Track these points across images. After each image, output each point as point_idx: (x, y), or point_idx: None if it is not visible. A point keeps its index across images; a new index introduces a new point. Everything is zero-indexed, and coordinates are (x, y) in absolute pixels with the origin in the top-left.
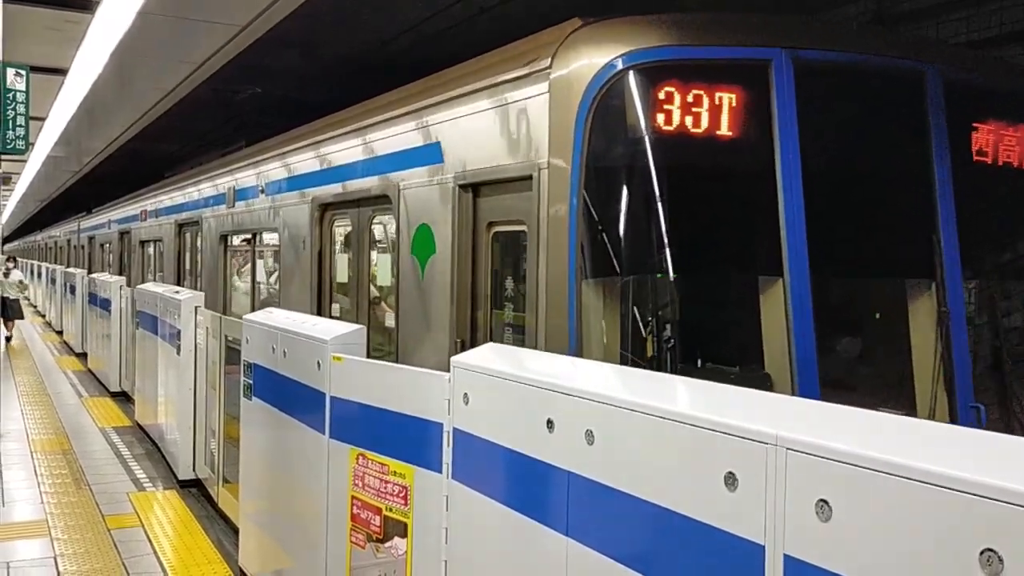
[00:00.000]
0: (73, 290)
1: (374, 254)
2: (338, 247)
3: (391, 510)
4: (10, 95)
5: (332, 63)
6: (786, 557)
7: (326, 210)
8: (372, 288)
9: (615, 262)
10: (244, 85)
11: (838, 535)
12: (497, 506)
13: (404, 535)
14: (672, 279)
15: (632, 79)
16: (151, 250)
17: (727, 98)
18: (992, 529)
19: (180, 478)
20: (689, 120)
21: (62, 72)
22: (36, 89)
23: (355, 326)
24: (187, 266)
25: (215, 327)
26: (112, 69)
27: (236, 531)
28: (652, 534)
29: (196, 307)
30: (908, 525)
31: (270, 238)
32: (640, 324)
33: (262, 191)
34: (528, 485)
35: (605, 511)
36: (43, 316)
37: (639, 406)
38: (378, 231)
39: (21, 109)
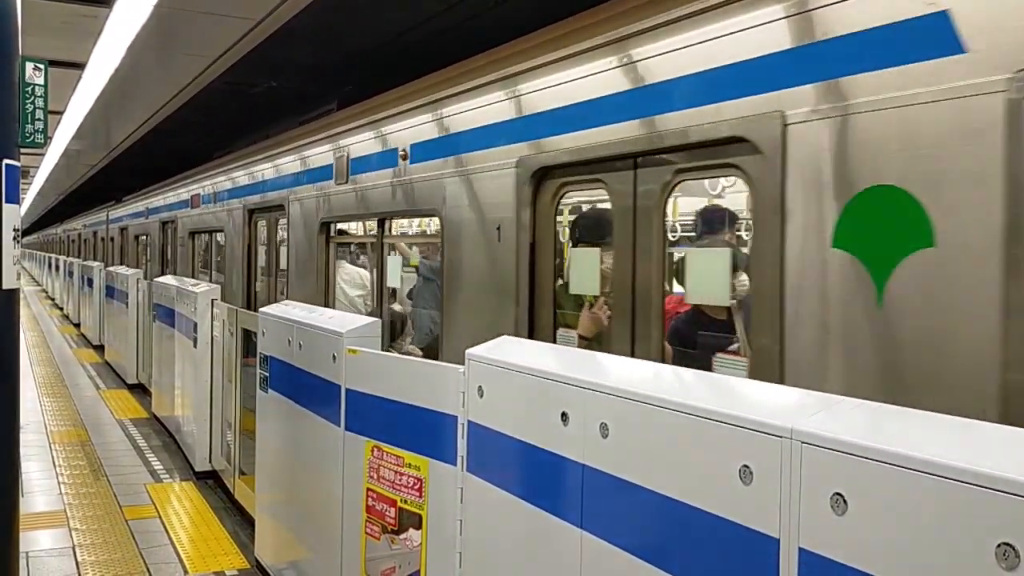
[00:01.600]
0: (91, 283)
1: (679, 249)
2: (573, 236)
3: (406, 502)
4: (29, 89)
5: (347, 56)
6: (801, 551)
7: (548, 176)
8: (672, 308)
9: None
10: (260, 79)
11: (853, 529)
12: (512, 498)
13: (419, 527)
14: None
15: None
16: (205, 242)
17: None
18: (1009, 523)
19: (197, 470)
20: None
21: (80, 66)
22: (54, 83)
23: (370, 319)
24: (261, 263)
25: (231, 320)
26: (129, 63)
27: (252, 522)
28: (666, 527)
29: (212, 300)
30: (924, 519)
31: (419, 225)
32: None
33: (404, 156)
34: (542, 478)
35: (619, 504)
36: (60, 309)
37: (653, 399)
38: (689, 207)
39: (40, 103)
